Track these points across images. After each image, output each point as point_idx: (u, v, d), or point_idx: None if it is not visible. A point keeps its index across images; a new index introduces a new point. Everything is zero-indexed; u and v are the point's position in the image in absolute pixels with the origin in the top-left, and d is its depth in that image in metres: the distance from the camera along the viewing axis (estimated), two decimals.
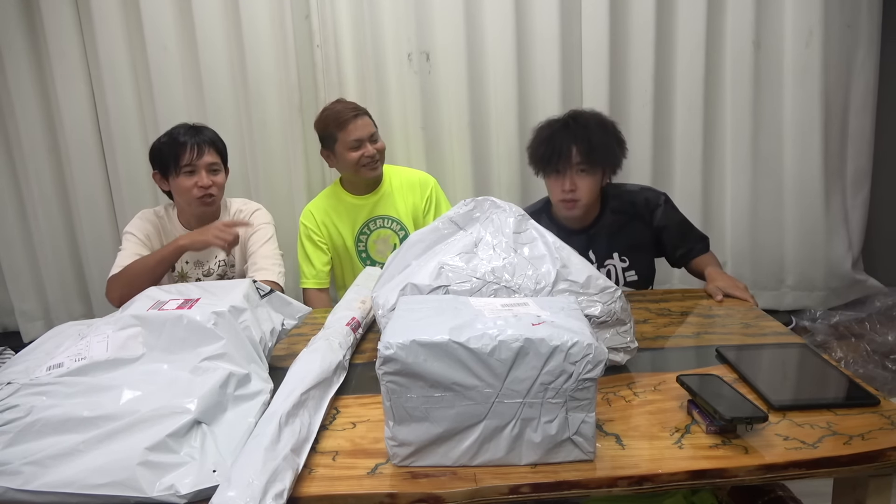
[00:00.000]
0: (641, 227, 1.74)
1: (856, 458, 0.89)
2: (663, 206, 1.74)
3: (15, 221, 2.49)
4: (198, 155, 1.71)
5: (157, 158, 1.74)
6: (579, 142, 1.63)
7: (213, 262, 1.82)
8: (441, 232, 1.28)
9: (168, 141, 1.72)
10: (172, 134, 1.74)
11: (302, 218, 2.04)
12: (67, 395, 0.96)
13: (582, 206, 1.68)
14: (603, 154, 1.65)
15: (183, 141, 1.70)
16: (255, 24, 2.25)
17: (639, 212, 1.74)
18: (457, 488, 0.85)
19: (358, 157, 1.91)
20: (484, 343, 0.84)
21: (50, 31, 2.28)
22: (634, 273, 1.75)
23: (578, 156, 1.63)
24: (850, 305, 2.52)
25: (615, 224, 1.74)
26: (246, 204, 1.89)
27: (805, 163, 2.39)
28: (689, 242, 1.77)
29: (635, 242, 1.74)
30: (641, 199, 1.75)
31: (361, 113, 1.93)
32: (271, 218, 1.89)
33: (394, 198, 2.04)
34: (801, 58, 2.32)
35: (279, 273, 1.77)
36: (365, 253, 2.06)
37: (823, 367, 1.14)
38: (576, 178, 1.65)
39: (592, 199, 1.70)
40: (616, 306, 1.15)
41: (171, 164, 1.71)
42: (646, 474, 0.87)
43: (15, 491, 0.83)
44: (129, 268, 1.67)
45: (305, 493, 0.85)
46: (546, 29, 2.30)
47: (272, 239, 1.83)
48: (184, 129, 1.75)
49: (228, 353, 1.06)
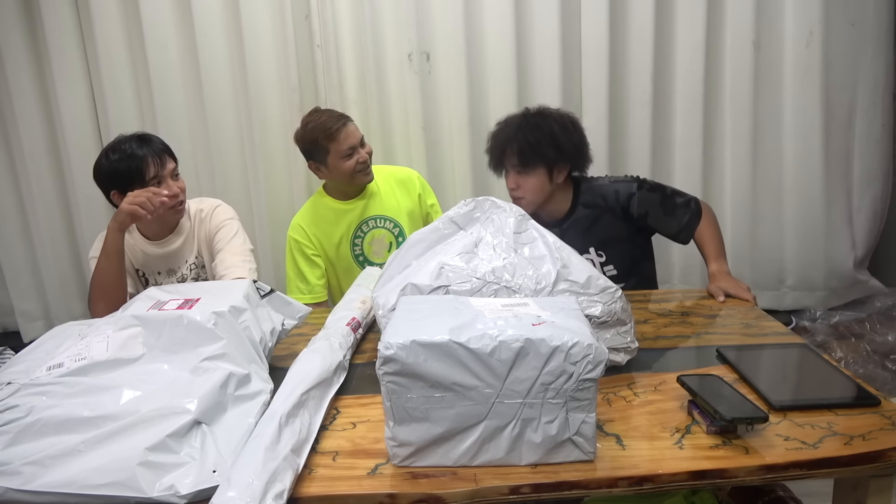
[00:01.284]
0: (615, 221, 1.73)
1: (856, 459, 0.89)
2: (637, 194, 1.71)
3: (15, 221, 2.49)
4: (161, 165, 1.63)
5: (113, 178, 1.62)
6: (512, 142, 1.67)
7: (184, 267, 1.77)
8: (441, 232, 1.28)
9: (122, 158, 1.61)
10: (124, 150, 1.62)
11: (291, 232, 1.99)
12: (67, 395, 0.96)
13: (529, 202, 1.70)
14: (536, 153, 1.66)
15: (142, 154, 1.61)
16: (255, 24, 2.25)
17: (610, 205, 1.73)
18: (457, 489, 0.85)
19: (353, 164, 1.88)
20: (484, 343, 0.84)
21: (50, 31, 2.28)
22: (613, 267, 1.74)
23: (513, 156, 1.67)
24: (850, 305, 2.52)
25: (588, 218, 1.74)
26: (203, 202, 1.81)
27: (805, 163, 2.39)
28: (678, 216, 1.71)
29: (610, 236, 1.73)
30: (612, 191, 1.74)
31: (347, 119, 1.90)
32: (234, 212, 1.80)
33: (382, 197, 2.02)
34: (802, 58, 2.31)
35: (250, 269, 1.68)
36: (362, 256, 2.03)
37: (824, 367, 1.14)
38: (517, 177, 1.69)
39: (540, 196, 1.71)
40: (616, 306, 1.14)
41: (134, 180, 1.60)
42: (646, 475, 0.87)
43: (15, 491, 0.83)
44: (93, 283, 1.61)
45: (305, 494, 0.85)
46: (546, 29, 2.30)
47: (238, 234, 1.74)
48: (133, 142, 1.64)
49: (228, 353, 1.05)
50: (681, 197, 1.73)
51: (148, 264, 1.77)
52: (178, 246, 1.76)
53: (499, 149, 1.71)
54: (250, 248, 1.75)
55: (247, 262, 1.69)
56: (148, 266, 1.77)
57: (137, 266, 1.77)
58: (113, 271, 1.61)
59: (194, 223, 1.77)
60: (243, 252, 1.71)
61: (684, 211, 1.72)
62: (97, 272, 1.62)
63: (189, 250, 1.77)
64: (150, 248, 1.75)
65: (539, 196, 1.71)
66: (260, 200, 2.39)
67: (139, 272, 1.78)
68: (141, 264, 1.77)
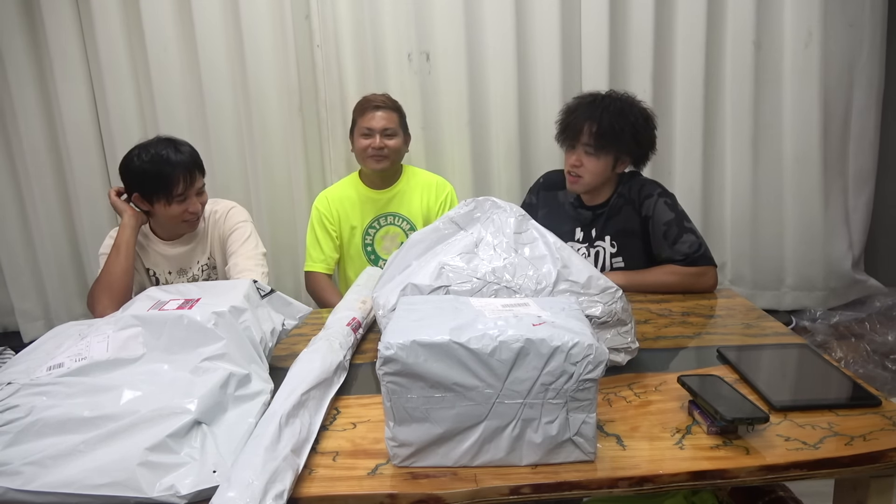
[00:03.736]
0: (632, 214, 1.73)
1: (857, 459, 0.89)
2: (655, 198, 1.70)
3: (15, 221, 2.48)
4: (190, 182, 1.63)
5: (141, 181, 1.61)
6: (593, 122, 1.67)
7: (196, 267, 1.78)
8: (442, 232, 1.28)
9: (153, 168, 1.59)
10: (155, 158, 1.59)
11: (316, 202, 2.07)
12: (68, 395, 0.96)
13: (585, 183, 1.72)
14: (612, 140, 1.67)
15: (173, 165, 1.59)
16: (255, 24, 2.25)
17: (632, 198, 1.74)
18: (457, 489, 0.85)
19: (366, 145, 1.97)
20: (484, 343, 0.84)
21: (50, 30, 2.27)
22: (621, 260, 1.75)
23: (588, 135, 1.67)
24: (850, 305, 2.52)
25: (615, 208, 1.75)
26: (218, 203, 1.81)
27: (805, 163, 2.39)
28: (671, 248, 1.65)
29: (625, 228, 1.74)
30: (638, 186, 1.75)
31: (386, 108, 1.99)
32: (248, 215, 1.81)
33: (409, 196, 2.07)
34: (801, 58, 2.31)
35: (262, 273, 1.69)
36: (371, 247, 2.07)
37: (825, 367, 1.14)
38: (583, 156, 1.69)
39: (598, 180, 1.72)
40: (617, 307, 1.14)
41: (160, 193, 1.60)
42: (646, 475, 0.87)
43: (15, 491, 0.83)
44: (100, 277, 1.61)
45: (305, 494, 0.85)
46: (546, 29, 2.30)
47: (251, 237, 1.75)
48: (169, 147, 1.61)
49: (229, 353, 1.05)
50: (691, 244, 1.64)
51: (159, 263, 1.78)
52: (190, 247, 1.77)
53: (576, 124, 1.70)
54: (263, 252, 1.77)
55: (259, 265, 1.71)
56: (159, 265, 1.78)
57: (148, 265, 1.78)
58: (121, 266, 1.61)
59: (208, 224, 1.78)
60: (256, 256, 1.73)
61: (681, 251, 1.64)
62: (106, 265, 1.63)
63: (201, 251, 1.78)
64: (162, 248, 1.76)
65: (597, 180, 1.72)
66: (260, 200, 2.39)
67: (150, 271, 1.79)
68: (152, 263, 1.78)
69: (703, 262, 1.64)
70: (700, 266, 1.64)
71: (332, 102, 2.32)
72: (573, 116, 1.72)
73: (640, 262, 1.74)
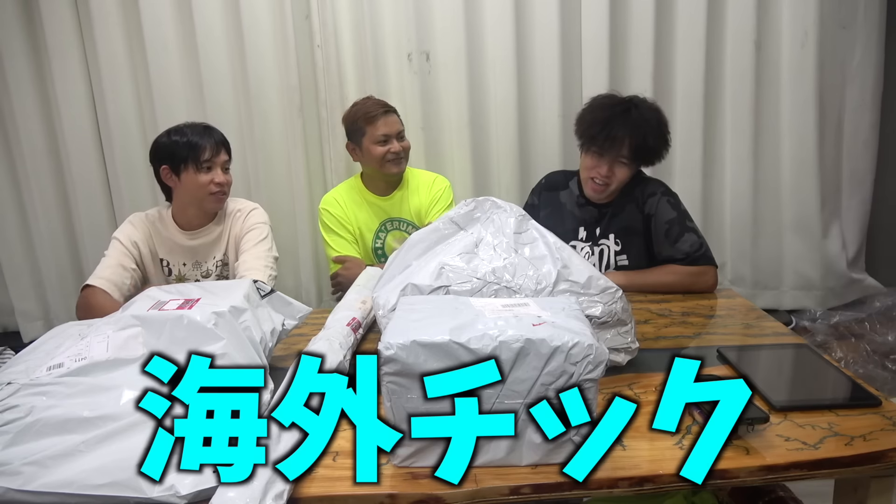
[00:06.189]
0: (635, 212, 1.74)
1: (857, 459, 0.89)
2: (658, 196, 1.72)
3: (15, 222, 2.48)
4: (216, 152, 1.72)
5: (168, 154, 1.70)
6: (634, 136, 1.65)
7: (210, 262, 1.80)
8: (442, 232, 1.28)
9: (182, 139, 1.69)
10: (185, 133, 1.71)
11: (325, 205, 2.05)
12: (68, 395, 0.96)
13: (612, 191, 1.73)
14: (650, 154, 1.69)
15: (200, 139, 1.70)
16: (255, 24, 2.25)
17: (635, 196, 1.75)
18: (457, 489, 0.85)
19: (384, 152, 1.95)
20: (484, 343, 0.84)
21: (50, 30, 2.27)
22: (626, 258, 1.75)
23: (627, 149, 1.66)
24: (849, 305, 2.52)
25: (619, 206, 1.76)
26: (242, 203, 1.87)
27: (802, 163, 2.39)
28: (672, 246, 1.66)
29: (628, 226, 1.75)
30: (642, 184, 1.76)
31: (391, 110, 1.99)
32: (268, 218, 1.85)
33: (411, 200, 2.07)
34: (797, 58, 2.32)
35: (270, 276, 1.71)
36: (381, 250, 2.08)
37: (825, 367, 1.14)
38: (615, 167, 1.69)
39: (622, 187, 1.74)
40: (617, 307, 1.14)
41: (189, 159, 1.68)
42: (646, 475, 0.87)
43: (15, 491, 0.83)
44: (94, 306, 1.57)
45: (305, 494, 0.85)
46: (546, 29, 2.30)
47: (266, 240, 1.78)
48: (197, 129, 1.72)
49: (229, 353, 1.05)
50: (692, 244, 1.65)
51: (175, 254, 1.79)
52: (210, 240, 1.79)
53: (615, 135, 1.65)
54: (275, 256, 1.79)
55: (268, 267, 1.73)
56: (174, 256, 1.79)
57: (162, 255, 1.79)
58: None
59: (229, 221, 1.81)
60: (266, 258, 1.75)
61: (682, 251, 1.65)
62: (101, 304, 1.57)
63: (219, 247, 1.80)
64: (181, 239, 1.78)
65: (621, 187, 1.74)
66: (259, 200, 2.38)
67: (163, 262, 1.79)
68: (166, 253, 1.79)
69: (704, 261, 1.65)
70: (700, 266, 1.65)
71: (332, 102, 2.32)
72: (612, 127, 1.65)
73: (643, 259, 1.74)
